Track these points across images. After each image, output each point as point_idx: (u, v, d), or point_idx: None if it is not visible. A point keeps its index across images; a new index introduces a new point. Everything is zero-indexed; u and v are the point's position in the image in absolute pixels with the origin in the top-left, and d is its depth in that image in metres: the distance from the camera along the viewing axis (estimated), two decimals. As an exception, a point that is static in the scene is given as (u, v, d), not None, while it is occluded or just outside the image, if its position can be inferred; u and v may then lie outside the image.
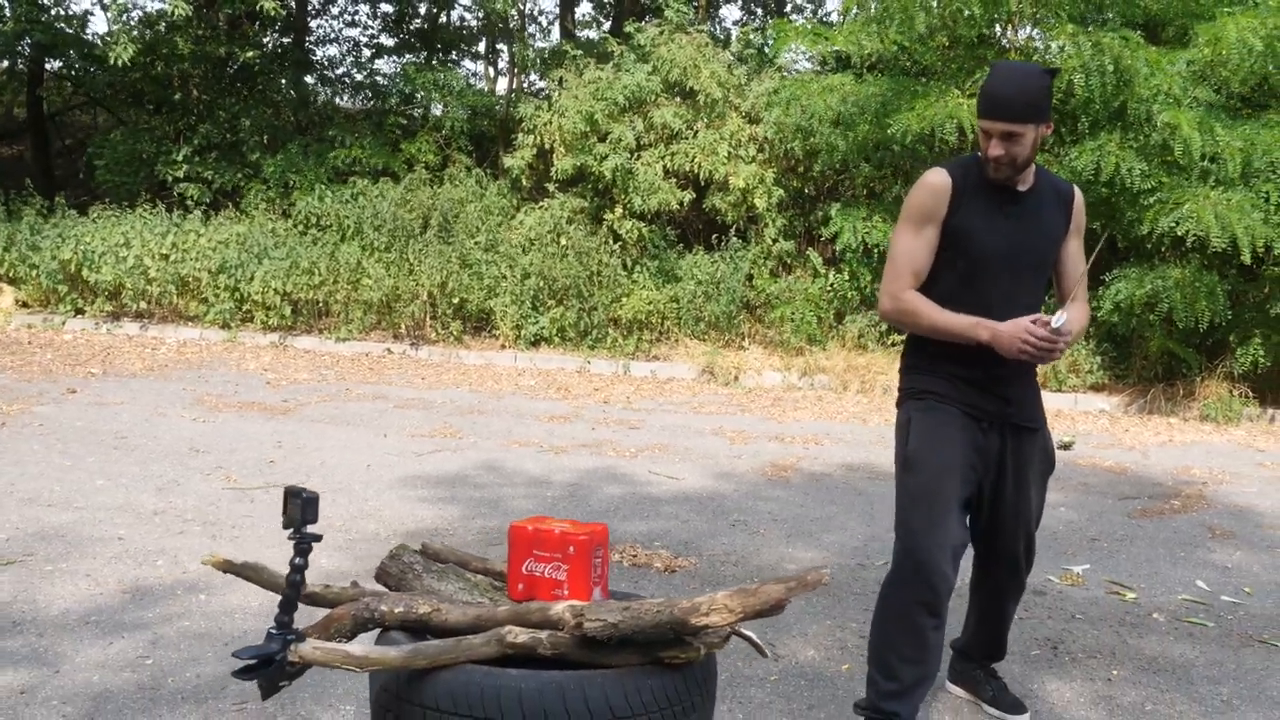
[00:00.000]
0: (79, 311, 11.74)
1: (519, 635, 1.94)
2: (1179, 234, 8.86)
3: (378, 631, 2.17)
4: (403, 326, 11.31)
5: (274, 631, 1.95)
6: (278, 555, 4.41)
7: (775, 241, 11.58)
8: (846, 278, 11.08)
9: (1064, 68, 9.39)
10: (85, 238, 11.53)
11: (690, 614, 1.89)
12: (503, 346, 11.14)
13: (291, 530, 1.99)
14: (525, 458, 6.61)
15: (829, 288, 11.14)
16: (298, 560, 2.00)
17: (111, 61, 12.36)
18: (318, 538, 2.00)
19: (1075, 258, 3.08)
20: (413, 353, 11.06)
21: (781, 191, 11.60)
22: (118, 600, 3.82)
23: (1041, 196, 2.95)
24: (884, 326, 10.88)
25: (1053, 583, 4.62)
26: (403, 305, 11.20)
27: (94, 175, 14.05)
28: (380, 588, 2.33)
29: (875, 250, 10.71)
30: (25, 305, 11.98)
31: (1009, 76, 2.74)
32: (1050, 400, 9.90)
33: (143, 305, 11.58)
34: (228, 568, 2.26)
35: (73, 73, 15.78)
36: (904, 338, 3.14)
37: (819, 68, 12.25)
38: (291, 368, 9.90)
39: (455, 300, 11.16)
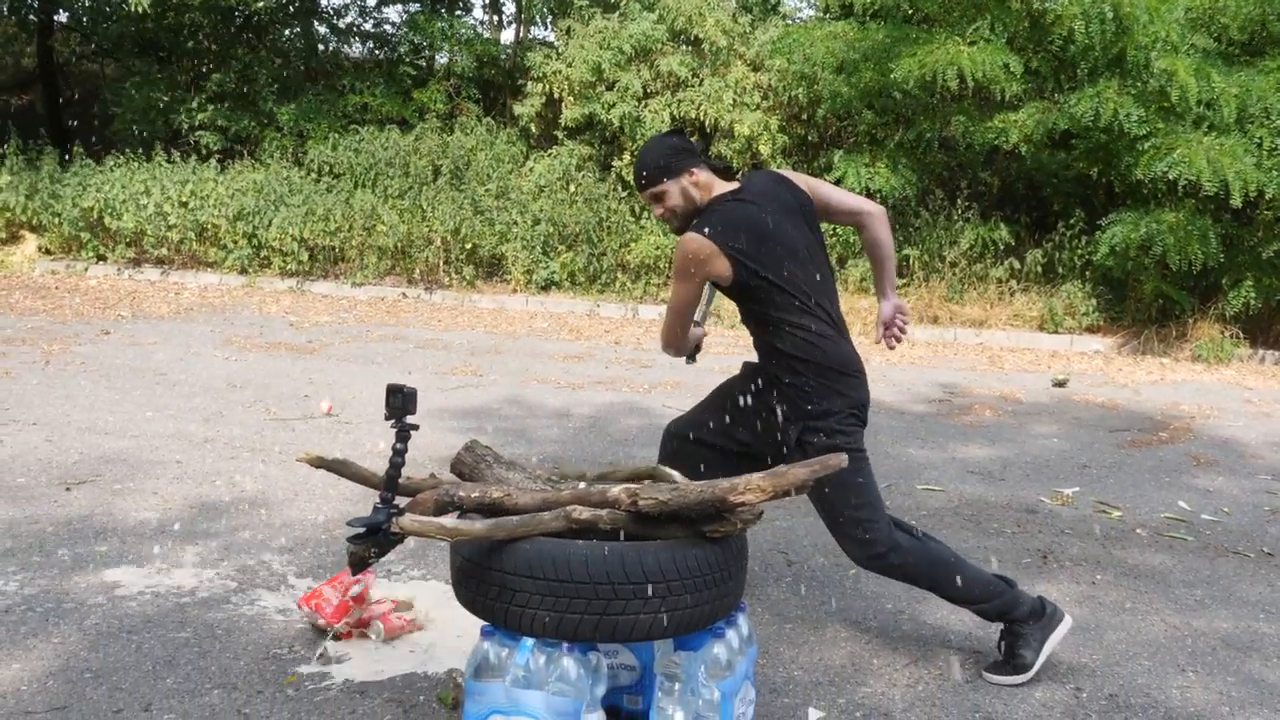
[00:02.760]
0: (101, 258, 12.03)
1: (583, 513, 2.27)
2: (1171, 178, 9.14)
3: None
4: (417, 272, 11.60)
5: (379, 505, 2.29)
6: (325, 478, 4.76)
7: (780, 188, 11.84)
8: (849, 223, 11.33)
9: (1064, 15, 9.61)
10: (106, 186, 11.79)
11: (729, 493, 2.23)
12: (514, 291, 11.44)
13: (393, 420, 2.32)
14: (545, 393, 6.95)
15: (831, 232, 11.41)
16: (399, 445, 2.34)
17: (132, 8, 12.52)
18: (416, 427, 2.33)
19: None
20: (427, 297, 11.36)
21: (786, 138, 11.85)
22: (187, 514, 4.17)
23: None
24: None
25: (1044, 503, 4.97)
26: (417, 251, 11.49)
27: (110, 124, 14.27)
28: (454, 477, 2.66)
29: (877, 196, 10.97)
30: (48, 252, 12.27)
31: (641, 153, 3.11)
32: (1046, 341, 10.25)
33: (163, 252, 11.86)
34: (320, 463, 2.60)
35: (82, 23, 15.94)
36: (903, 281, 3.45)
37: (822, 15, 12.43)
38: (312, 311, 10.21)
39: (468, 246, 11.44)
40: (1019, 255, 11.02)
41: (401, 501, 2.51)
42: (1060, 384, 8.20)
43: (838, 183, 11.15)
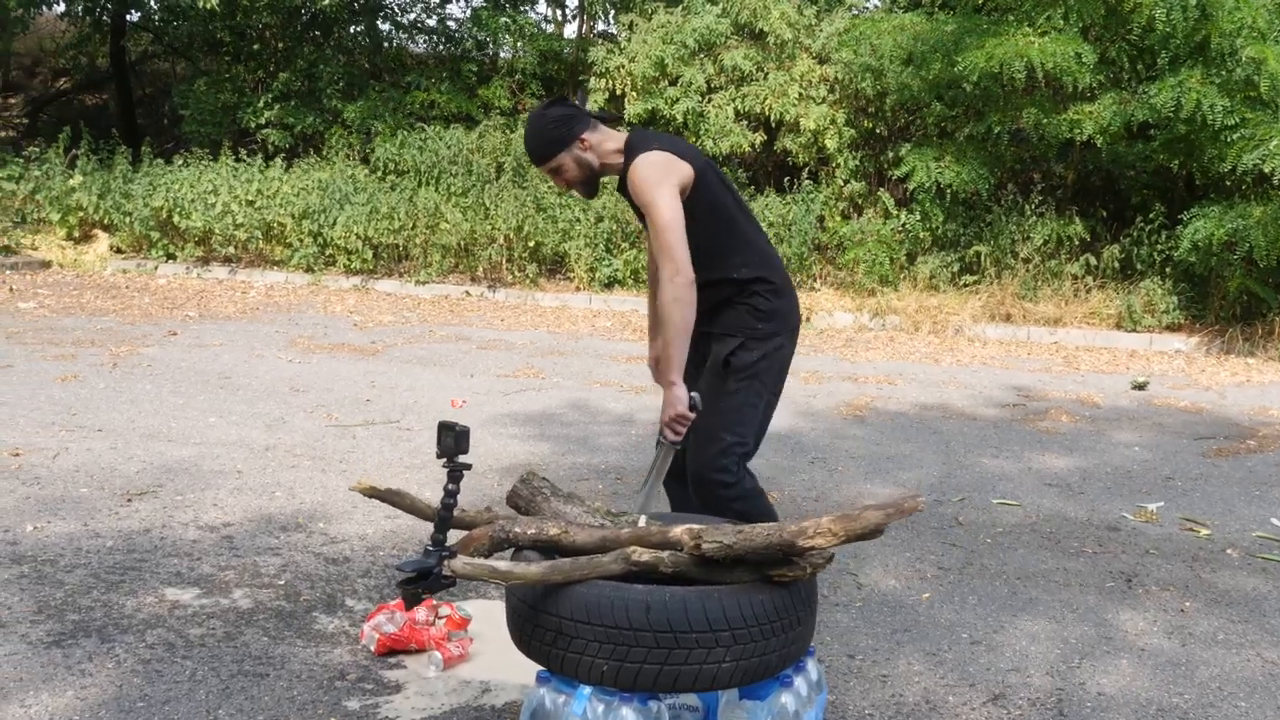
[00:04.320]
0: (170, 257, 12.17)
1: (643, 554, 2.16)
2: (1265, 170, 8.78)
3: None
4: (480, 269, 11.58)
5: (430, 548, 2.19)
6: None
7: (846, 183, 11.63)
8: (918, 218, 11.11)
9: (1143, 2, 9.28)
10: (175, 185, 11.92)
11: (797, 536, 2.10)
12: (577, 289, 11.36)
13: (445, 459, 2.23)
14: (607, 397, 6.86)
15: (901, 228, 11.18)
16: (451, 486, 2.25)
17: (201, 7, 12.64)
18: (468, 466, 2.24)
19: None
20: (490, 295, 11.33)
21: (852, 132, 11.63)
22: (246, 527, 4.14)
23: (623, 176, 3.06)
24: (956, 267, 10.92)
25: (1127, 519, 4.76)
26: (480, 249, 11.46)
27: (180, 123, 14.45)
28: (511, 511, 2.57)
29: (948, 190, 10.72)
30: (119, 251, 12.44)
31: (526, 131, 3.07)
32: (1124, 341, 9.93)
33: (231, 250, 11.97)
34: (373, 493, 2.51)
35: (153, 23, 16.15)
36: (974, 278, 3.35)
37: (889, 6, 12.17)
38: (375, 310, 10.22)
39: (531, 244, 11.39)
40: (1095, 251, 10.69)
41: (456, 534, 2.42)
42: (1140, 386, 7.91)
43: (906, 177, 10.92)
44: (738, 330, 3.09)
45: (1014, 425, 6.59)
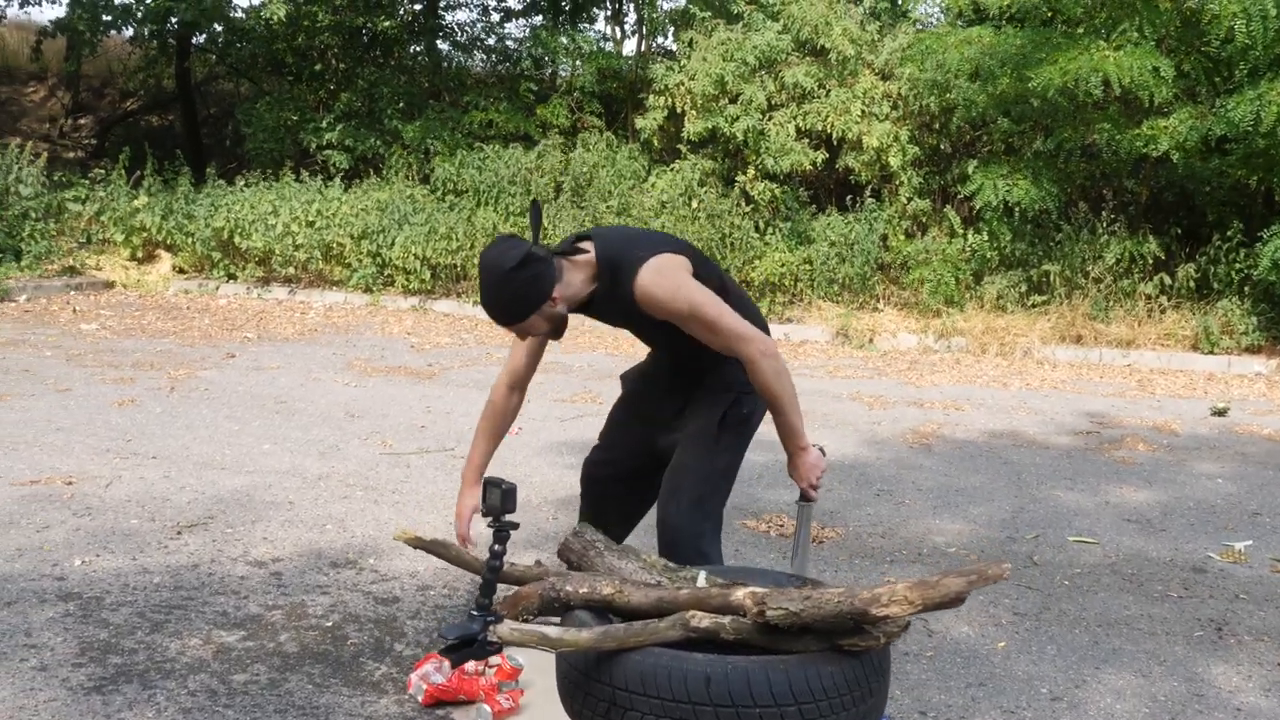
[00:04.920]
0: (231, 277, 12.25)
1: (702, 620, 2.01)
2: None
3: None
4: (538, 290, 11.48)
5: (475, 613, 2.06)
6: (435, 520, 4.59)
7: (910, 201, 11.40)
8: (985, 237, 10.84)
9: (1222, 13, 8.97)
10: (236, 206, 12.01)
11: (870, 604, 1.93)
12: (636, 309, 11.23)
13: (491, 519, 2.10)
14: (666, 423, 6.70)
15: (967, 247, 10.92)
16: (497, 547, 2.11)
17: (268, 17, 12.73)
18: (516, 525, 2.10)
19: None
20: (548, 316, 11.24)
21: (916, 149, 11.39)
22: (296, 563, 4.04)
23: (606, 296, 2.88)
24: (1024, 287, 10.63)
25: (1213, 559, 4.51)
26: (538, 269, 11.37)
27: (242, 144, 14.58)
28: (562, 565, 2.43)
29: (1016, 209, 10.45)
30: (182, 271, 12.56)
31: (483, 290, 2.70)
32: (1201, 363, 9.59)
33: (290, 271, 12.02)
34: (419, 544, 2.39)
35: (217, 45, 16.35)
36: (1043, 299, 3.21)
37: (954, 21, 11.92)
38: (433, 331, 10.18)
39: (589, 263, 11.27)
40: (1169, 270, 10.35)
41: (505, 590, 2.29)
42: (1220, 413, 7.60)
43: (972, 195, 10.67)
44: (731, 386, 3.05)
45: (1088, 454, 6.34)
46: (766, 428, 3.15)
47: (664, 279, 2.73)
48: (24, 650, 3.22)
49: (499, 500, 2.06)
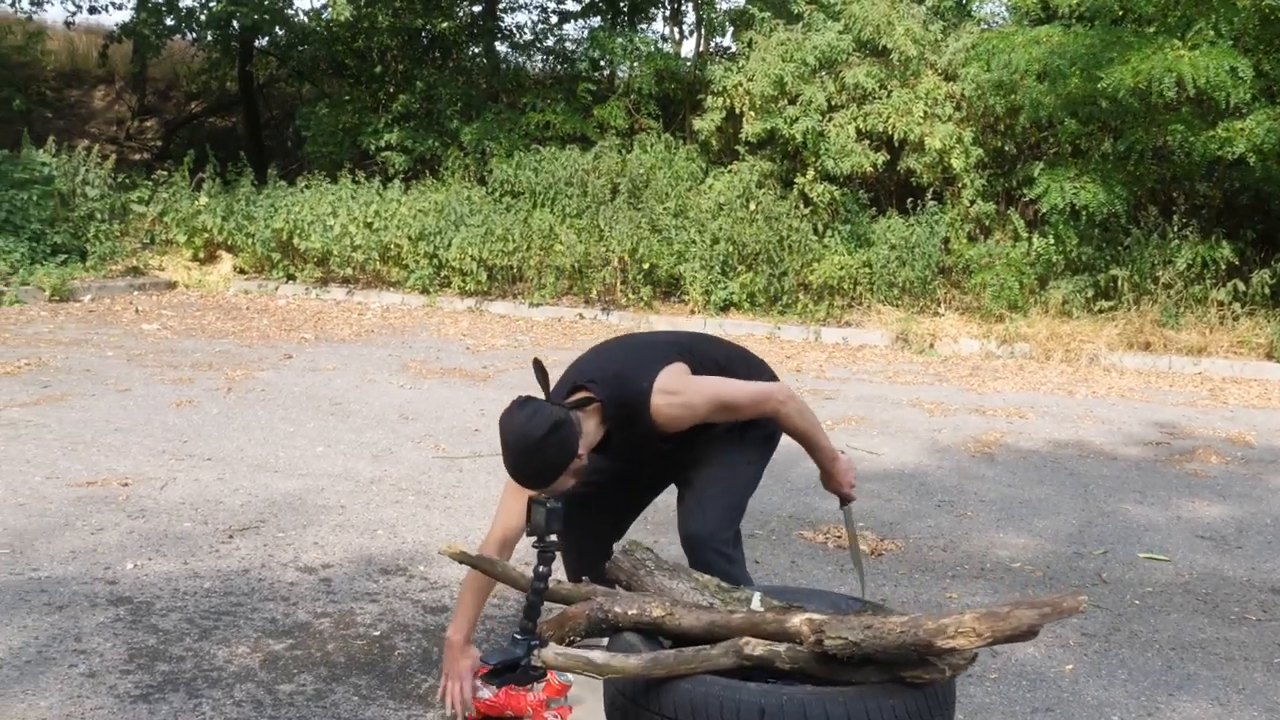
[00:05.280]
0: (290, 278, 12.34)
1: (756, 648, 1.92)
2: None
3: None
4: (594, 292, 11.44)
5: (518, 637, 1.99)
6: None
7: (973, 203, 11.17)
8: (1051, 240, 10.60)
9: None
10: (295, 207, 12.10)
11: (936, 636, 1.83)
12: (692, 312, 11.14)
13: (536, 539, 2.02)
14: (721, 430, 6.60)
15: (1031, 251, 10.67)
16: (542, 569, 2.04)
17: (331, 20, 12.81)
18: (560, 546, 2.02)
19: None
20: (604, 318, 11.19)
21: (980, 151, 11.17)
22: (345, 569, 4.01)
23: (626, 440, 2.90)
24: (1090, 292, 10.38)
25: (1293, 579, 4.32)
26: (594, 271, 11.34)
27: (302, 146, 14.71)
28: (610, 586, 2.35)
29: (1083, 212, 10.20)
30: (242, 272, 12.68)
31: (511, 459, 2.60)
32: (1276, 372, 9.29)
33: (348, 272, 12.08)
34: (464, 559, 2.32)
35: (279, 47, 16.52)
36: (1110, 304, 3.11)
37: (1021, 20, 11.67)
38: (488, 333, 10.16)
39: (645, 266, 11.21)
40: (1243, 275, 10.03)
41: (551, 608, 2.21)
42: (1298, 425, 7.32)
43: (1037, 198, 10.44)
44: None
45: (1158, 466, 6.13)
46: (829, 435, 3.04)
47: (675, 398, 2.82)
48: (74, 656, 3.21)
49: (544, 519, 1.98)
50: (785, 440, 3.19)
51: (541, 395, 2.73)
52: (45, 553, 4.04)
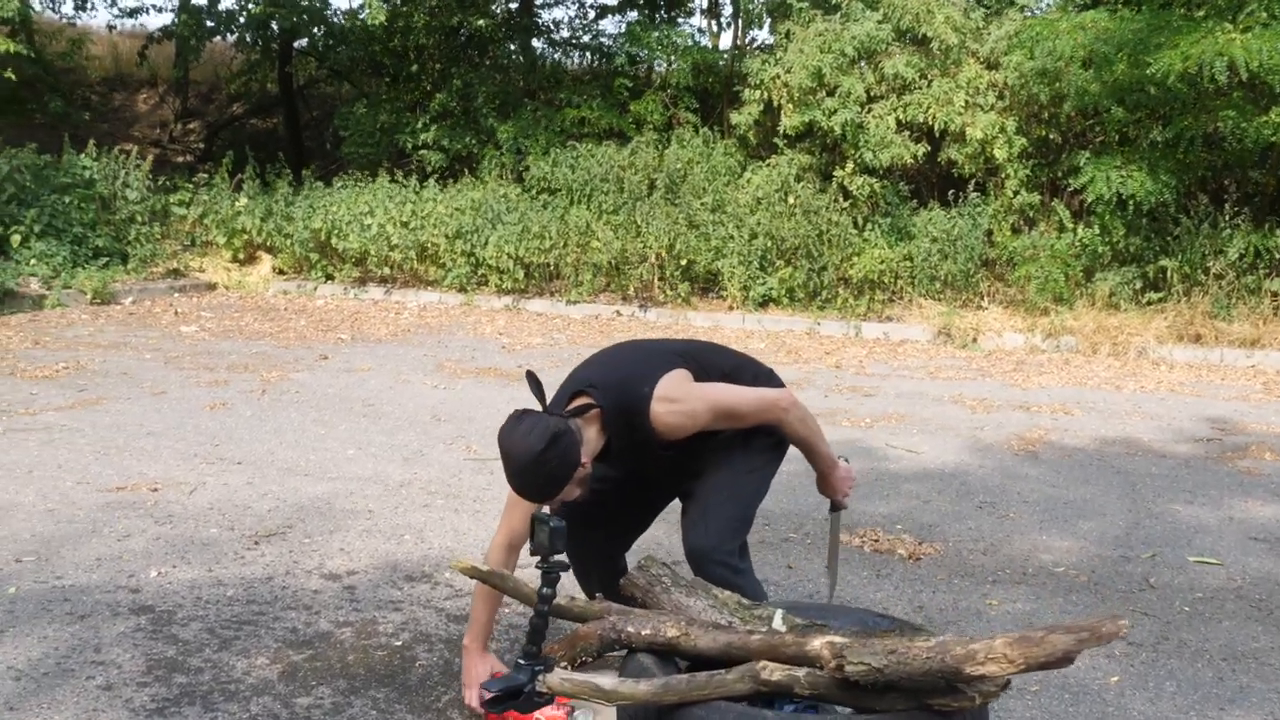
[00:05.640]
0: (329, 278, 12.37)
1: (774, 673, 1.81)
2: None
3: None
4: (631, 289, 11.35)
5: (522, 662, 1.90)
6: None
7: (1017, 194, 10.94)
8: (1097, 231, 10.35)
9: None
10: (333, 207, 12.11)
11: (964, 662, 1.72)
12: (730, 308, 11.02)
13: (540, 559, 1.93)
14: (757, 429, 6.48)
15: (1077, 242, 10.44)
16: (545, 590, 1.95)
17: (367, 22, 12.82)
18: (566, 566, 1.93)
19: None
20: (641, 315, 11.09)
21: (1024, 140, 10.93)
22: (371, 576, 3.95)
23: (626, 447, 2.83)
24: (1138, 284, 10.13)
25: (1352, 584, 4.13)
26: (631, 268, 11.24)
27: (340, 146, 14.74)
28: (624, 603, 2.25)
29: (1130, 201, 9.95)
30: (281, 272, 12.72)
31: (514, 475, 2.55)
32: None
33: (386, 271, 12.08)
34: (475, 574, 2.24)
35: (317, 49, 16.58)
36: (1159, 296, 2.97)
37: (1065, 6, 11.42)
38: (525, 331, 10.10)
39: (683, 262, 11.10)
40: (1298, 265, 9.74)
41: (560, 628, 2.12)
42: (1355, 419, 7.08)
43: (1083, 188, 10.21)
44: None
45: (1209, 464, 5.93)
46: (864, 435, 2.93)
47: (676, 406, 2.76)
48: (91, 667, 3.17)
49: (547, 538, 1.89)
50: (827, 437, 3.13)
51: (538, 408, 2.65)
52: (71, 560, 4.02)
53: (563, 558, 1.95)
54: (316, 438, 5.98)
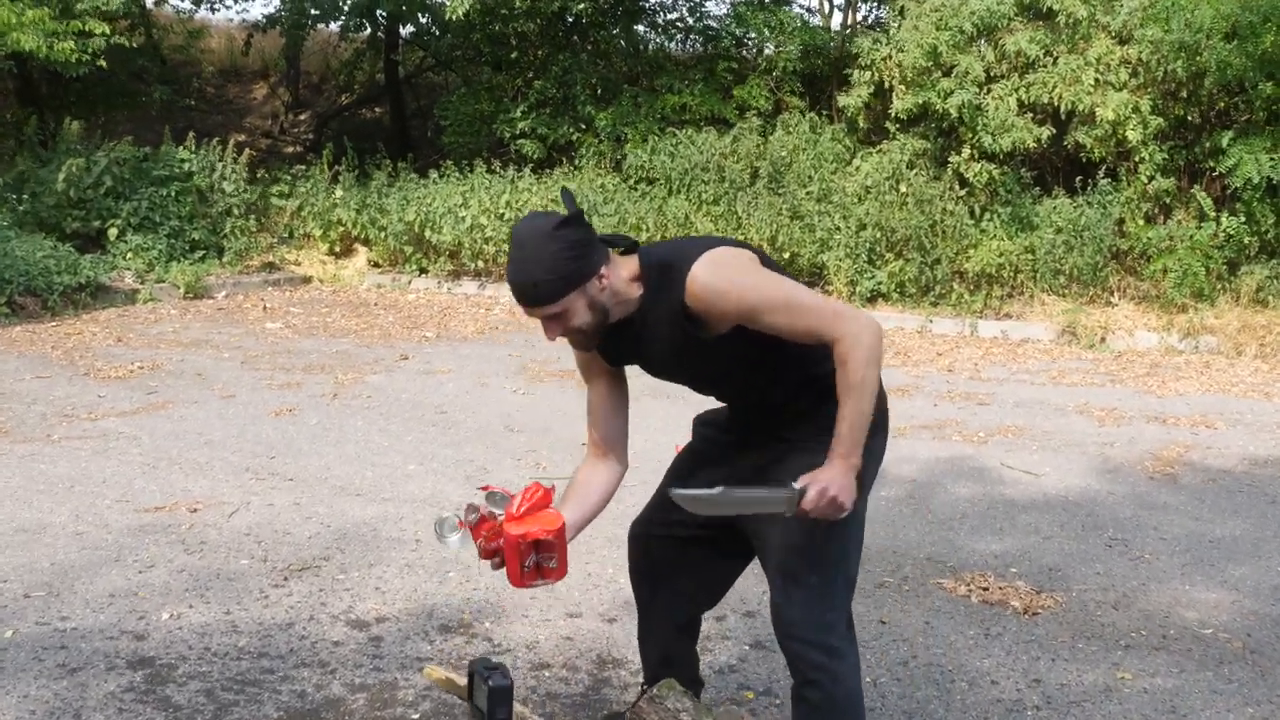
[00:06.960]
0: (423, 271, 12.09)
1: None
2: None
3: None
4: (731, 283, 10.79)
5: None
6: (576, 570, 3.98)
7: (1151, 180, 10.03)
8: (1242, 220, 9.42)
9: None
10: (427, 199, 11.83)
11: None
12: (836, 303, 10.38)
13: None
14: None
15: (1219, 232, 9.51)
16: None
17: (448, 18, 12.57)
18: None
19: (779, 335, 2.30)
20: (741, 311, 10.54)
21: (1159, 121, 10.01)
22: (402, 625, 3.52)
23: (652, 307, 2.33)
24: (1291, 278, 9.19)
25: None
26: (731, 261, 10.68)
27: (441, 136, 14.49)
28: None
29: (1281, 187, 9.02)
30: (376, 265, 12.50)
31: (516, 258, 2.22)
32: None
33: (480, 264, 11.75)
34: (450, 687, 1.76)
35: (422, 37, 16.37)
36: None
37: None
38: (617, 329, 9.64)
39: (786, 254, 10.50)
40: None
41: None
42: None
43: (1227, 172, 9.30)
44: (828, 428, 2.29)
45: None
46: (976, 452, 2.37)
47: (721, 269, 2.23)
48: (68, 737, 2.80)
49: (484, 702, 1.40)
50: (929, 460, 2.53)
51: None
52: (83, 595, 3.68)
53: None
54: (378, 450, 5.60)
